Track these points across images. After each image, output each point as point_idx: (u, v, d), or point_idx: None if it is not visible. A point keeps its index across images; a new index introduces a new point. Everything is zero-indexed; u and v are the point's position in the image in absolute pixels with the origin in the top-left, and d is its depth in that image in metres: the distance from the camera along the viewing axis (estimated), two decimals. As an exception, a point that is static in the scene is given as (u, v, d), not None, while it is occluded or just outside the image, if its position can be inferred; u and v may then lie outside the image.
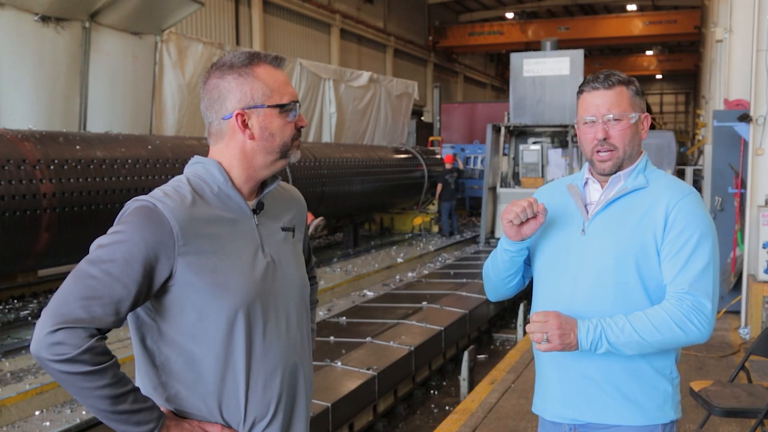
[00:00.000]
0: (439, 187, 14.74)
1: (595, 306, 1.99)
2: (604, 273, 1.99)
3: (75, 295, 1.51)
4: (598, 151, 2.02)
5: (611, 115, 1.99)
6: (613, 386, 2.01)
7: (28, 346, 5.46)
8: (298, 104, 1.74)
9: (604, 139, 2.00)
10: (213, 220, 1.65)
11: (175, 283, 1.60)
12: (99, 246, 1.57)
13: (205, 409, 1.66)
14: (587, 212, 2.07)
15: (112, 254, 1.54)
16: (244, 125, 1.68)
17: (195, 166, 1.73)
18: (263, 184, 1.78)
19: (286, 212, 1.85)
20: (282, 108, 1.70)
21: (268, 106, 1.69)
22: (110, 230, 1.60)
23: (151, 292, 1.59)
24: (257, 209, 1.75)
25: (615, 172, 2.04)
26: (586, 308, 2.00)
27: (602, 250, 2.00)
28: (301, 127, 1.76)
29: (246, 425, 1.68)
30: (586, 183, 2.13)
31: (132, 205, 1.62)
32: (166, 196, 1.63)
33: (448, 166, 15.17)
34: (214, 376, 1.65)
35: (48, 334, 1.48)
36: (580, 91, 2.07)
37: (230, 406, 1.67)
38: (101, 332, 1.53)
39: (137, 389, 1.58)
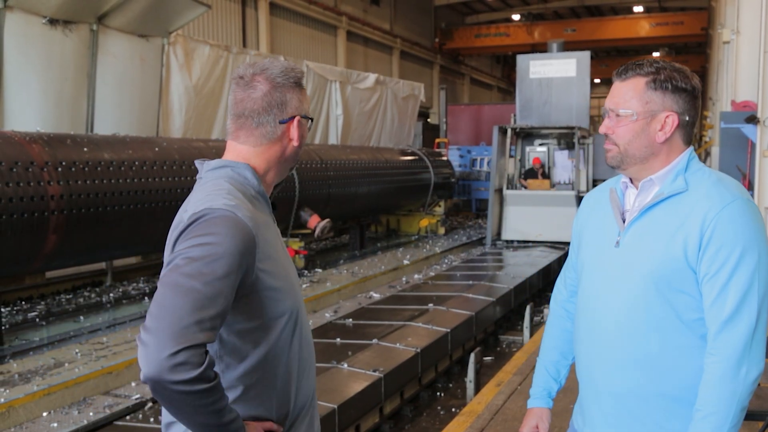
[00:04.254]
0: None
1: (628, 330, 1.83)
2: (636, 292, 1.81)
3: (186, 311, 1.47)
4: (607, 143, 1.89)
5: (617, 110, 1.85)
6: (648, 415, 1.86)
7: (36, 347, 5.46)
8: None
9: (606, 133, 1.88)
10: (264, 224, 1.69)
11: (250, 290, 1.62)
12: (191, 259, 1.52)
13: (264, 409, 1.71)
14: (623, 221, 1.88)
15: (212, 267, 1.51)
16: (294, 131, 1.79)
17: (225, 170, 1.72)
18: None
19: None
20: (311, 120, 1.86)
21: (307, 117, 1.83)
22: (197, 241, 1.54)
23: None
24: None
25: (618, 167, 1.87)
26: (619, 333, 1.84)
27: (635, 266, 1.81)
28: None
29: (290, 420, 1.75)
30: (626, 186, 1.93)
31: (210, 213, 1.57)
32: (235, 203, 1.61)
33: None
34: (278, 376, 1.70)
35: (170, 355, 1.43)
36: None
37: (282, 403, 1.73)
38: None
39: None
